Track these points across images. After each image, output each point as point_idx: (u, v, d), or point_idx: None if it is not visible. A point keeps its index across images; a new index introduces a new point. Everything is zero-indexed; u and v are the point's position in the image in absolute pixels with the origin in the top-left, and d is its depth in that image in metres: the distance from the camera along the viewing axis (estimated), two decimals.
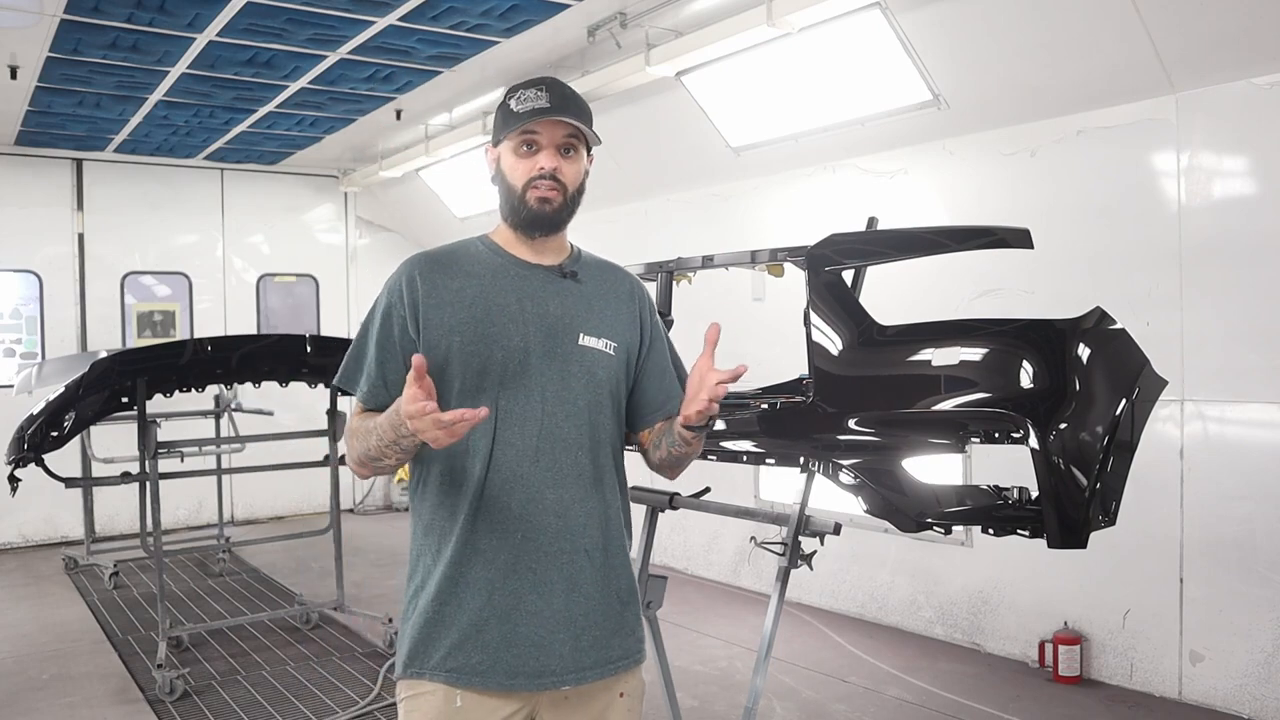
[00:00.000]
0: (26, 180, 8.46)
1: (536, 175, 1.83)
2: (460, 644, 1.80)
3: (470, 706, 1.80)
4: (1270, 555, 4.08)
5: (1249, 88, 4.06)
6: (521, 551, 1.80)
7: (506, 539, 1.80)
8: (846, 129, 5.51)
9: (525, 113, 1.81)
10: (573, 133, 1.84)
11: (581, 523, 1.83)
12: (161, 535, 5.21)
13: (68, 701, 4.67)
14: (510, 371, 1.81)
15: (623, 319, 1.94)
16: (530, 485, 1.80)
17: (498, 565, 1.80)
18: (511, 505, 1.80)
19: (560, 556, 1.81)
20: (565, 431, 1.83)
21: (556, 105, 1.82)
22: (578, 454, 1.84)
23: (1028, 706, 4.41)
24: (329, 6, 5.11)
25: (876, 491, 2.79)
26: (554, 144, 1.84)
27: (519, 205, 1.85)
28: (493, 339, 1.81)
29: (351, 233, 10.07)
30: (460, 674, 1.80)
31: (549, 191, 1.83)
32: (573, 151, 1.86)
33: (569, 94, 1.87)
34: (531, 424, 1.81)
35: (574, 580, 1.82)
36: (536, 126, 1.82)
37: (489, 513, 1.80)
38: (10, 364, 8.44)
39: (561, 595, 1.81)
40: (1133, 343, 2.60)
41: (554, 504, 1.81)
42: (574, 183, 1.87)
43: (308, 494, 9.34)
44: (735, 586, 6.56)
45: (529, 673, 1.80)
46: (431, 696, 1.82)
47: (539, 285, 1.87)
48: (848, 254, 3.03)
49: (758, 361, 5.61)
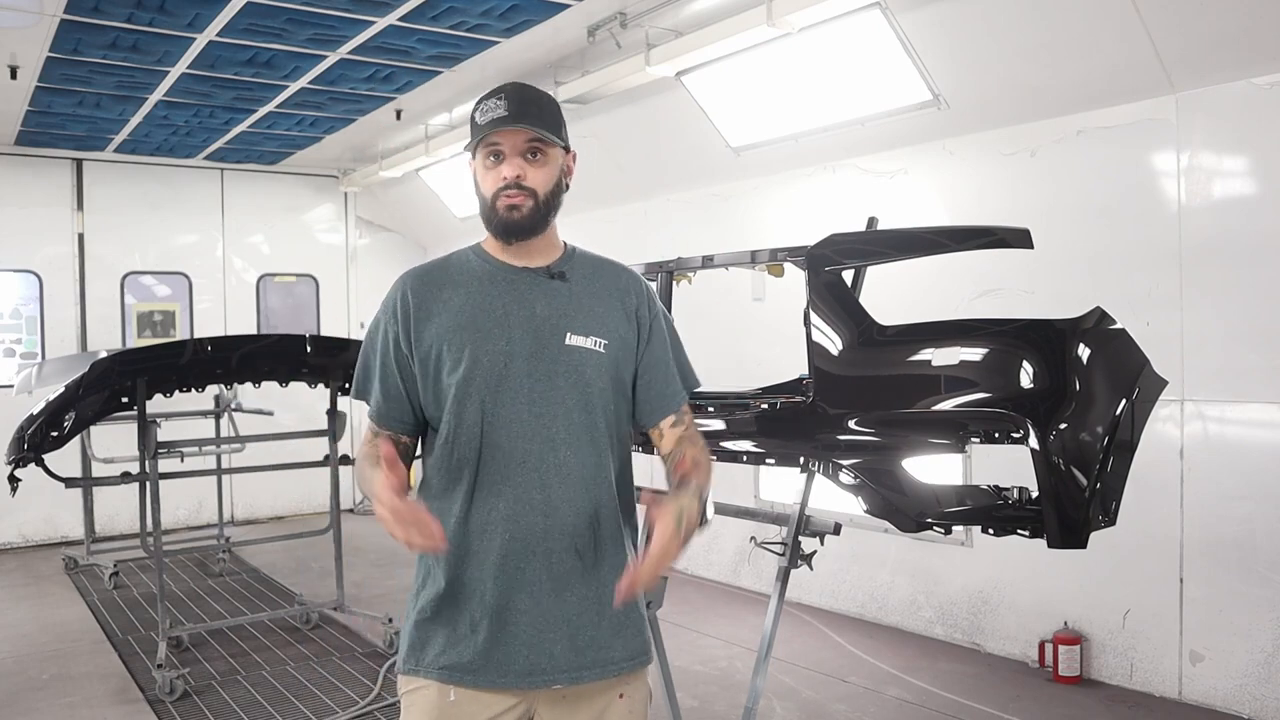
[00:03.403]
0: (26, 180, 8.46)
1: (502, 185, 1.85)
2: (453, 642, 1.84)
3: (464, 702, 1.84)
4: (1270, 555, 4.08)
5: (1249, 88, 4.06)
6: (509, 551, 1.82)
7: (495, 539, 1.82)
8: (846, 129, 5.51)
9: (486, 124, 1.84)
10: (535, 137, 1.85)
11: (570, 522, 1.84)
12: (161, 535, 5.21)
13: (68, 701, 4.67)
14: (496, 375, 1.83)
15: (614, 315, 1.94)
16: (517, 486, 1.83)
17: (488, 565, 1.83)
18: (499, 506, 1.83)
19: (550, 556, 1.83)
20: (553, 432, 1.84)
21: (514, 113, 1.83)
22: (564, 453, 1.85)
23: (1028, 706, 4.41)
24: (329, 6, 5.11)
25: (876, 491, 2.80)
26: (517, 151, 1.85)
27: (490, 214, 1.88)
28: (477, 344, 1.84)
29: (351, 233, 10.07)
30: (452, 671, 1.84)
31: (516, 199, 1.85)
32: (539, 155, 1.87)
33: (529, 98, 1.87)
34: (518, 426, 1.83)
35: (565, 580, 1.84)
36: (498, 136, 1.84)
37: (479, 513, 1.83)
38: (10, 364, 8.44)
39: (551, 595, 1.83)
40: (1133, 343, 2.61)
41: (541, 504, 1.83)
42: (544, 186, 1.87)
43: (308, 494, 9.33)
44: (735, 586, 6.56)
45: (519, 671, 1.82)
46: (426, 692, 1.87)
47: (526, 288, 1.89)
48: (848, 254, 3.03)
49: (758, 361, 5.65)
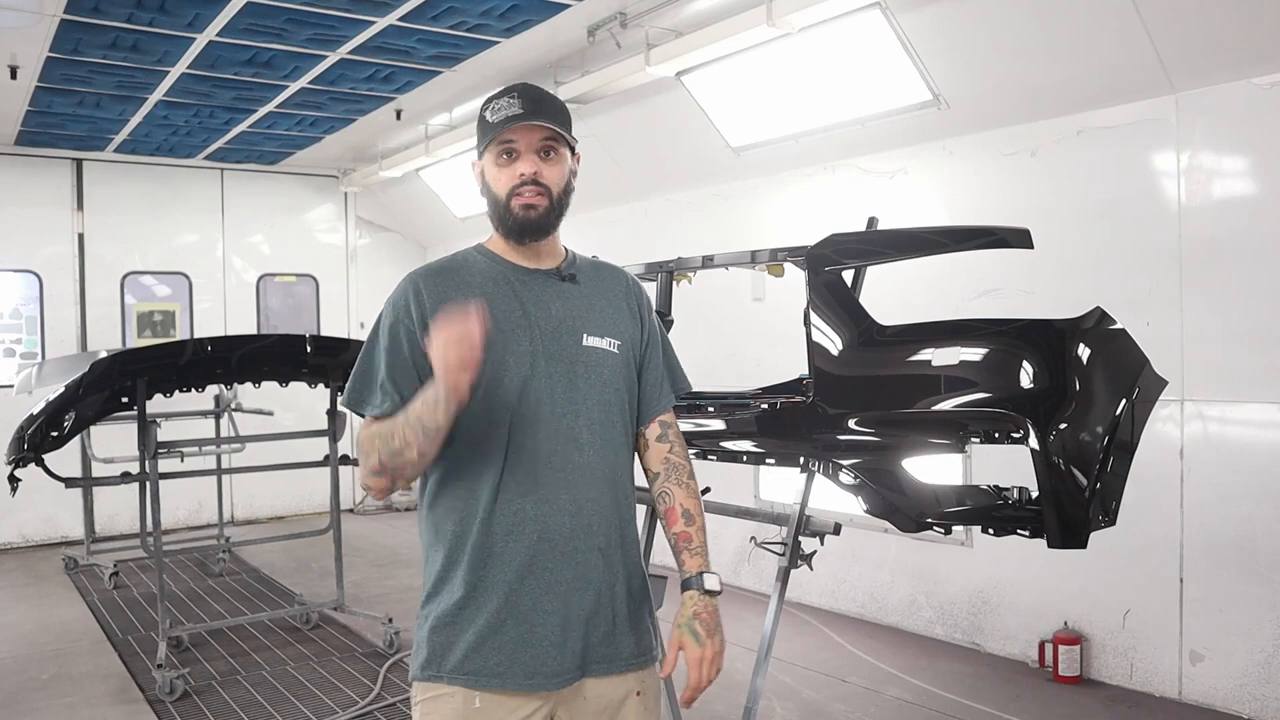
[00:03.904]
0: (26, 180, 8.46)
1: (518, 182, 1.84)
2: (478, 646, 1.81)
3: (489, 707, 1.81)
4: (1270, 555, 4.08)
5: (1249, 88, 4.06)
6: (537, 552, 1.81)
7: (521, 540, 1.81)
8: (846, 129, 5.51)
9: (500, 121, 1.83)
10: (550, 135, 1.85)
11: (595, 522, 1.85)
12: (161, 535, 5.21)
13: (68, 701, 4.67)
14: (522, 375, 1.82)
15: (624, 316, 1.96)
16: (544, 487, 1.82)
17: (514, 567, 1.81)
18: (526, 507, 1.81)
19: (575, 556, 1.83)
20: (576, 432, 1.85)
21: (530, 110, 1.83)
22: (589, 454, 1.85)
23: (1028, 706, 4.41)
24: (329, 6, 5.11)
25: (876, 491, 2.79)
26: (532, 149, 1.84)
27: (505, 214, 1.86)
28: (503, 345, 1.82)
29: (351, 233, 10.07)
30: (479, 676, 1.81)
31: (533, 197, 1.84)
32: (553, 154, 1.86)
33: (542, 97, 1.87)
34: (543, 427, 1.82)
35: (588, 579, 1.84)
36: (512, 134, 1.83)
37: (503, 515, 1.81)
38: (10, 364, 8.44)
39: (576, 594, 1.83)
40: (1133, 343, 2.60)
41: (568, 504, 1.83)
42: (558, 184, 1.87)
43: (308, 494, 9.34)
44: (735, 586, 6.55)
45: (547, 672, 1.82)
46: (450, 699, 1.83)
47: (540, 289, 1.89)
48: (848, 254, 3.03)
49: (758, 361, 5.64)
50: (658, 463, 2.00)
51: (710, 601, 1.90)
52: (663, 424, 2.01)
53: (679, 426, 2.06)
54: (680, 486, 1.99)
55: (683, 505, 1.97)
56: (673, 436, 2.02)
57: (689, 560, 1.94)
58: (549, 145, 1.85)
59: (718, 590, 1.92)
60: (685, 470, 2.01)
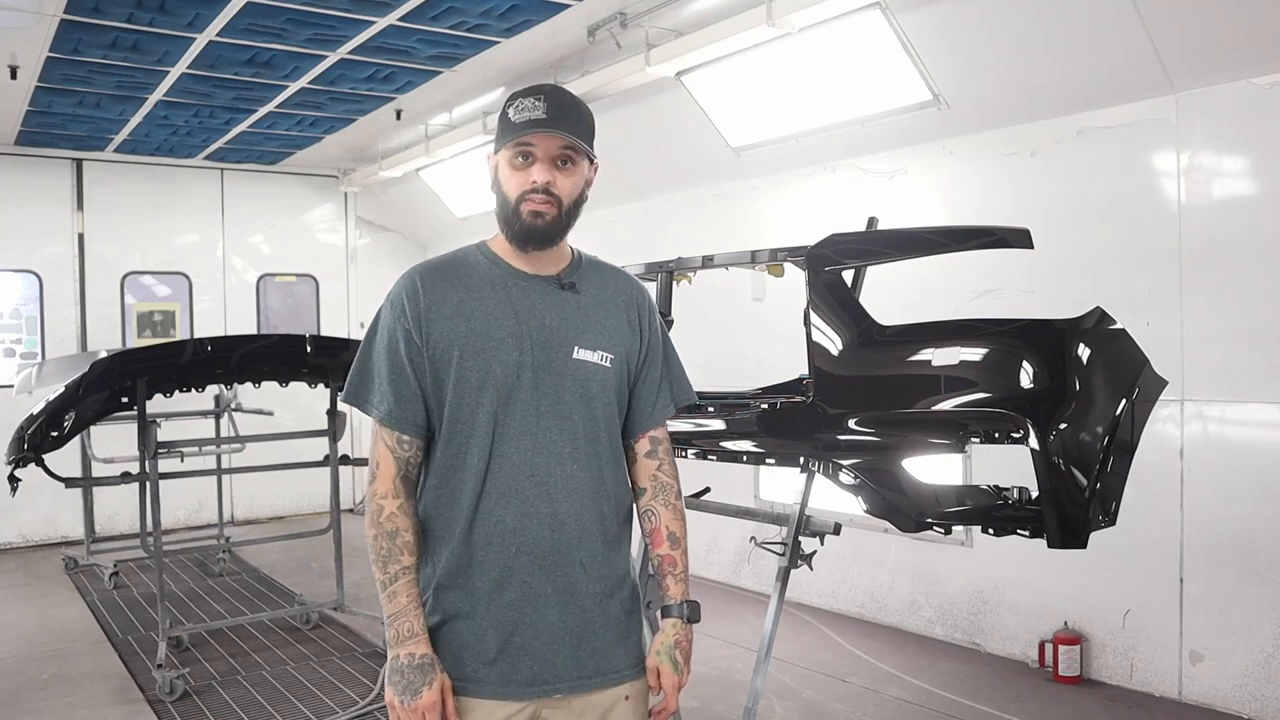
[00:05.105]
0: (26, 180, 8.46)
1: (530, 189, 1.81)
2: (457, 655, 1.82)
3: (467, 709, 1.82)
4: (1270, 555, 4.08)
5: (1249, 88, 4.06)
6: (516, 564, 1.81)
7: (501, 552, 1.81)
8: (846, 129, 5.51)
9: (521, 123, 1.79)
10: (569, 144, 1.81)
11: (576, 536, 1.83)
12: (161, 535, 5.21)
13: (68, 701, 4.67)
14: (507, 386, 1.81)
15: (621, 328, 1.93)
16: (524, 499, 1.81)
17: (493, 578, 1.81)
18: (506, 519, 1.80)
19: (555, 569, 1.82)
20: (559, 445, 1.83)
21: (553, 117, 1.79)
22: (572, 467, 1.84)
23: (1028, 706, 4.41)
24: (329, 6, 5.11)
25: (876, 491, 2.80)
26: (549, 157, 1.81)
27: (512, 218, 1.84)
28: (490, 354, 1.81)
29: (351, 233, 10.07)
30: (455, 682, 1.82)
31: (542, 205, 1.81)
32: (570, 163, 1.83)
33: (568, 103, 1.83)
34: (526, 438, 1.81)
35: (570, 592, 1.83)
36: (532, 138, 1.80)
37: (484, 526, 1.81)
38: (10, 364, 8.44)
39: (557, 607, 1.82)
40: (1133, 343, 2.61)
41: (548, 517, 1.81)
42: (570, 195, 1.84)
43: (308, 494, 9.34)
44: (735, 586, 6.56)
45: (523, 681, 1.81)
46: None
47: (537, 297, 1.87)
48: (848, 254, 3.03)
49: (758, 361, 5.64)
50: (645, 479, 2.00)
51: (690, 631, 1.95)
52: (653, 439, 2.00)
53: (670, 443, 2.04)
54: (667, 507, 1.98)
55: (668, 527, 1.97)
56: (663, 454, 2.01)
57: (673, 586, 1.96)
58: (566, 154, 1.82)
59: (698, 620, 1.97)
60: (673, 490, 2.00)
